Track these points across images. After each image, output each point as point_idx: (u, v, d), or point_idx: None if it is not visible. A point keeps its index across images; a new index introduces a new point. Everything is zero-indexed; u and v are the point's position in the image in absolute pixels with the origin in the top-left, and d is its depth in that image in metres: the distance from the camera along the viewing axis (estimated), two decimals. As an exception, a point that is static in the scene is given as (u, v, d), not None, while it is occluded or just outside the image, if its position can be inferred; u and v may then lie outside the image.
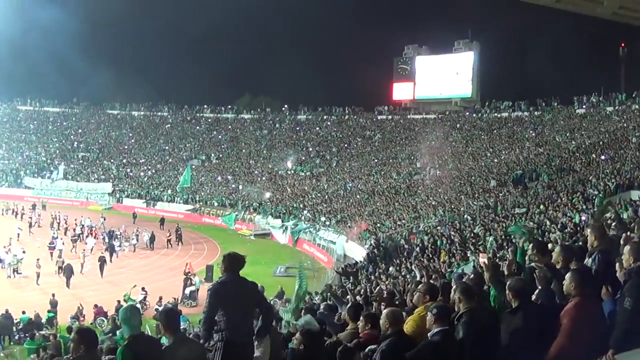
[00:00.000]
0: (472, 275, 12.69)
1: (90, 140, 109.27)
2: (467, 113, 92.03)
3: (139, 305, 31.35)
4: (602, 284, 7.80)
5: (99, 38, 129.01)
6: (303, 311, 14.56)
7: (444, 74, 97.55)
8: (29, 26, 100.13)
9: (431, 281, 14.49)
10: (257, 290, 8.88)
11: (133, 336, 7.47)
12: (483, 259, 11.08)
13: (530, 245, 10.55)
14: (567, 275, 7.53)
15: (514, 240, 26.66)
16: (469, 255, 31.71)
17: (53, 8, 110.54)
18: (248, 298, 8.61)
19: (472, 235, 38.33)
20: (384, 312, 8.47)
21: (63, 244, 53.12)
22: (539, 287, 8.50)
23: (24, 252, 47.91)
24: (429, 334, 7.73)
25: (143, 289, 39.56)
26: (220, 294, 8.32)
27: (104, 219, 66.20)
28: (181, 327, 8.34)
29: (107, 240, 56.02)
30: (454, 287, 9.18)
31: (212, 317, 8.29)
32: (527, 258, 11.00)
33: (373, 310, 12.26)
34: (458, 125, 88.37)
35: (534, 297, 8.27)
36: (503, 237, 32.06)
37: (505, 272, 10.31)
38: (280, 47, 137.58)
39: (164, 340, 8.08)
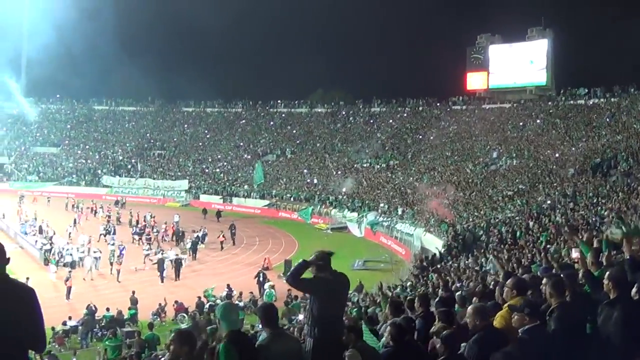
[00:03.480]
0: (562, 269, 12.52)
1: (166, 138, 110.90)
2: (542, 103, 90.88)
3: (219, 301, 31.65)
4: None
5: (173, 36, 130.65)
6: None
7: (517, 63, 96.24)
8: (103, 27, 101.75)
9: (518, 275, 14.27)
10: (348, 283, 8.84)
11: (233, 331, 7.56)
12: (576, 253, 10.85)
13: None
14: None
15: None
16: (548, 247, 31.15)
17: (125, 7, 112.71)
18: (343, 293, 8.63)
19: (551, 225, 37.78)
20: (470, 307, 8.44)
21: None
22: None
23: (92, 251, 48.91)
24: (519, 330, 7.69)
25: (228, 285, 39.99)
26: (318, 286, 8.31)
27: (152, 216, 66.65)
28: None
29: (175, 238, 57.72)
30: (544, 281, 9.08)
31: (302, 285, 8.65)
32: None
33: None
34: (534, 114, 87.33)
35: (634, 290, 8.13)
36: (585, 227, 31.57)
37: (604, 263, 10.18)
38: (353, 41, 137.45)
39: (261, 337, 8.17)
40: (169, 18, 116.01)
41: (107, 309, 34.43)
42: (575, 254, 12.56)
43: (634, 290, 8.00)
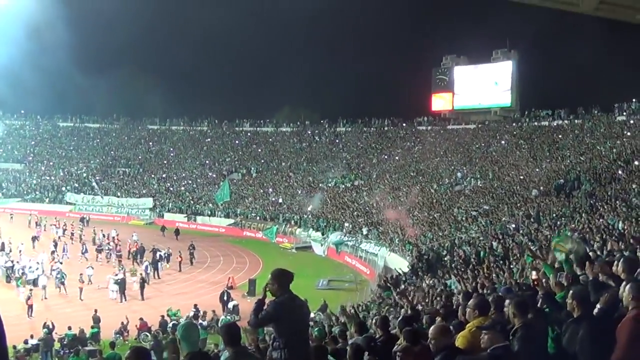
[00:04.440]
0: (524, 289, 12.61)
1: (131, 156, 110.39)
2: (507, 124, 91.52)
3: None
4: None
5: (138, 54, 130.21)
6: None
7: (482, 84, 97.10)
8: (68, 43, 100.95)
9: (482, 295, 14.34)
10: (307, 307, 8.88)
11: (192, 353, 7.48)
12: (535, 276, 10.97)
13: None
14: (626, 287, 7.41)
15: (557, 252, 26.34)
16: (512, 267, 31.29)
17: (93, 24, 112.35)
18: (304, 315, 8.61)
19: (515, 245, 37.90)
20: (434, 326, 8.44)
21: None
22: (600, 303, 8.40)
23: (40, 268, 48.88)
24: (488, 350, 7.67)
25: (195, 305, 39.73)
26: (278, 312, 8.23)
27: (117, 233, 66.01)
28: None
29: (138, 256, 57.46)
30: (507, 302, 9.11)
31: (263, 320, 8.40)
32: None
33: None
34: (498, 135, 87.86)
35: (595, 310, 8.18)
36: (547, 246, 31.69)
37: (564, 283, 10.23)
38: (319, 60, 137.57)
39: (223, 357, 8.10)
40: (133, 35, 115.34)
41: (69, 328, 34.08)
42: (534, 275, 12.66)
43: (596, 309, 8.06)
